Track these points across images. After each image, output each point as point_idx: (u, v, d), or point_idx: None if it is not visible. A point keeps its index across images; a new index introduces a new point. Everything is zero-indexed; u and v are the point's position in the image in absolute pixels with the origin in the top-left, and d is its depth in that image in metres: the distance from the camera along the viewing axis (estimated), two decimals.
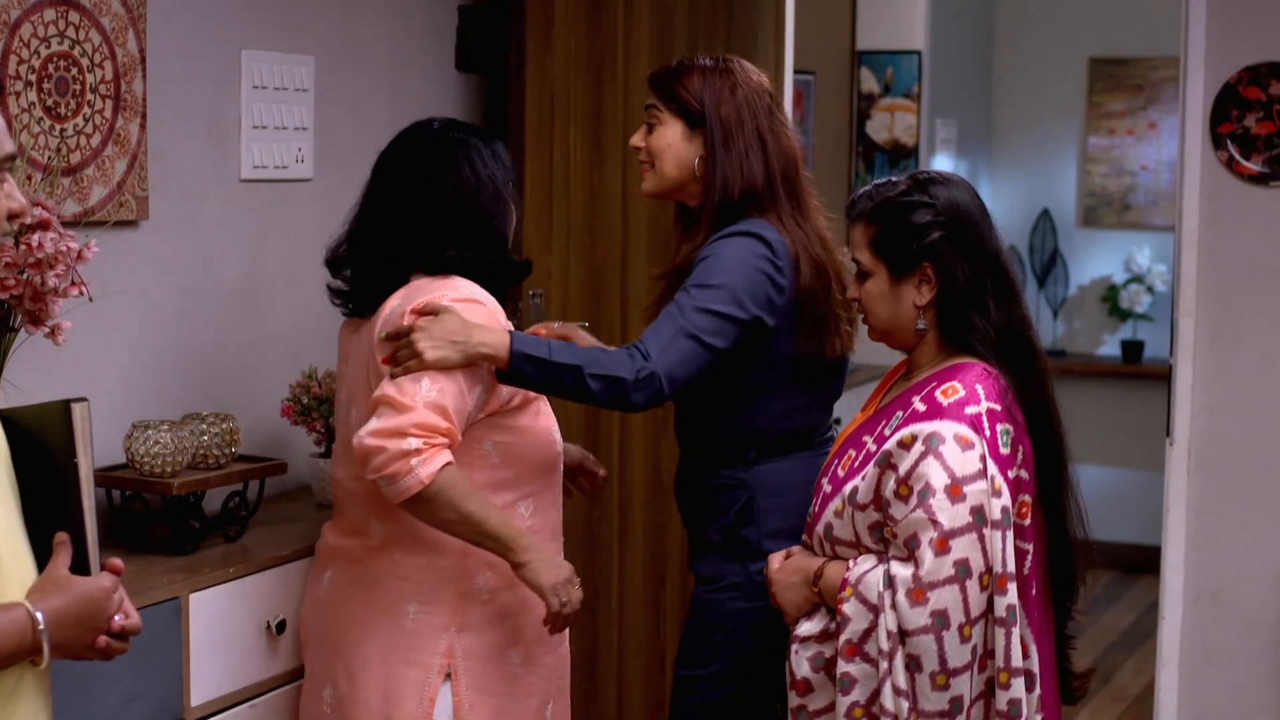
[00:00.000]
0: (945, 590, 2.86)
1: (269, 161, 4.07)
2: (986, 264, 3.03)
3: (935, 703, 2.90)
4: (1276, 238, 4.91)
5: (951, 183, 3.07)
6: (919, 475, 2.90)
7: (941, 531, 2.87)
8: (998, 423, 2.95)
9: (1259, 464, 4.97)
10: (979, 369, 3.00)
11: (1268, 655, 5.00)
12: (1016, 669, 2.93)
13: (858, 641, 2.97)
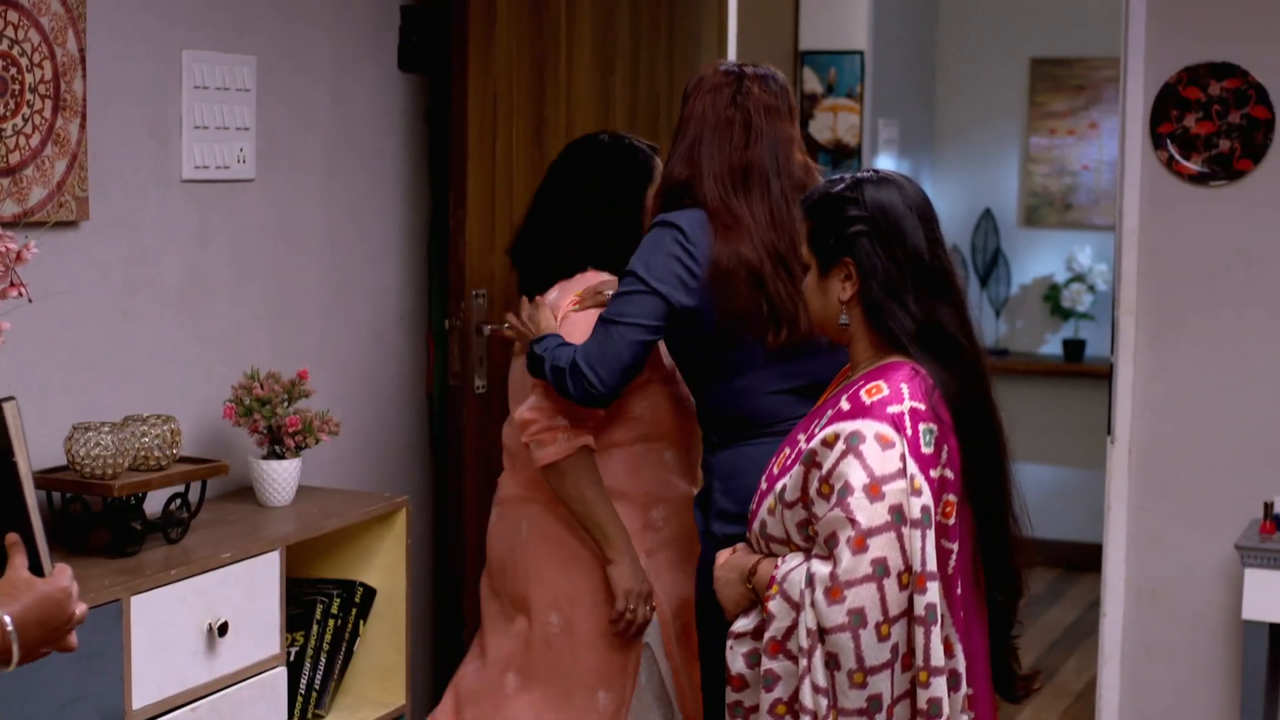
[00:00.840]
0: (862, 589, 2.87)
1: (210, 162, 4.05)
2: (908, 262, 3.04)
3: (854, 701, 2.91)
4: (1216, 237, 4.94)
5: (887, 182, 3.08)
6: (839, 474, 2.91)
7: (859, 530, 2.87)
8: (920, 422, 2.95)
9: (1199, 462, 5.00)
10: (907, 369, 3.01)
11: (1208, 652, 5.04)
12: (937, 668, 2.93)
13: (781, 639, 2.98)
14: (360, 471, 4.58)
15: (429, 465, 4.89)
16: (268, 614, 3.67)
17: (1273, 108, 4.84)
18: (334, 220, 4.48)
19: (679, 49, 5.29)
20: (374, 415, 4.66)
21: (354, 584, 4.08)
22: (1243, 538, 4.70)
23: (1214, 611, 5.02)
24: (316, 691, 4.00)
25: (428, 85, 4.79)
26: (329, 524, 3.92)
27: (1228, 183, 4.91)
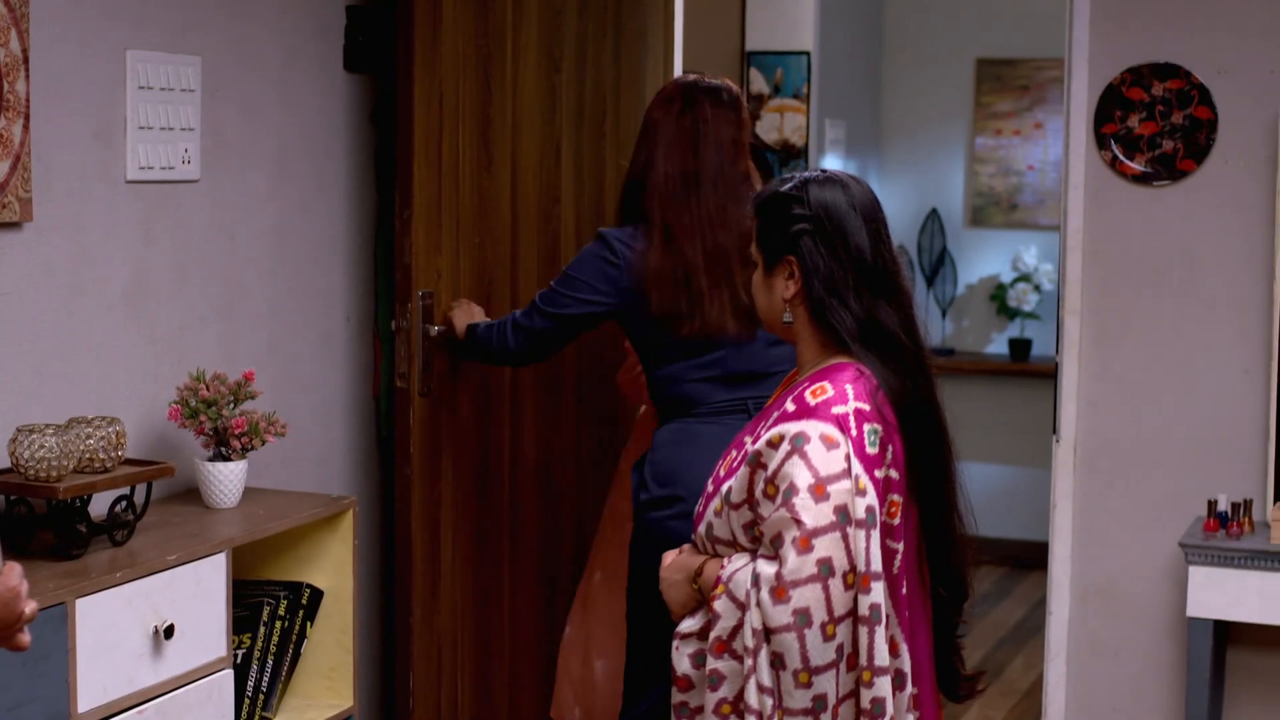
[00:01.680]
0: (808, 589, 2.88)
1: (155, 162, 4.03)
2: (850, 261, 3.06)
3: (799, 700, 2.92)
4: (1159, 237, 4.98)
5: (833, 182, 3.10)
6: (784, 475, 2.92)
7: (804, 530, 2.88)
8: (865, 422, 2.97)
9: (1143, 460, 5.04)
10: (852, 370, 3.03)
11: (1153, 648, 5.07)
12: (881, 668, 2.94)
13: (726, 638, 2.99)
14: (307, 473, 4.57)
15: (376, 466, 4.88)
16: (214, 616, 3.66)
17: (1215, 108, 4.87)
18: (280, 221, 4.47)
19: (626, 49, 5.29)
20: (321, 416, 4.65)
21: (301, 585, 4.07)
22: (1187, 535, 4.73)
23: (1159, 609, 5.05)
24: (264, 693, 3.99)
25: (373, 85, 4.78)
26: (275, 526, 3.91)
27: (1171, 183, 4.95)
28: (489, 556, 4.87)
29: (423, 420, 4.56)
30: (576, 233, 5.06)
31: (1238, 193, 4.88)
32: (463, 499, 4.72)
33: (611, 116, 5.22)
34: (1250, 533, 4.70)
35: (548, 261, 4.95)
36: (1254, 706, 4.97)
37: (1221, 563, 4.62)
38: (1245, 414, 4.91)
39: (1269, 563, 4.57)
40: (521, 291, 4.87)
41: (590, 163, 5.15)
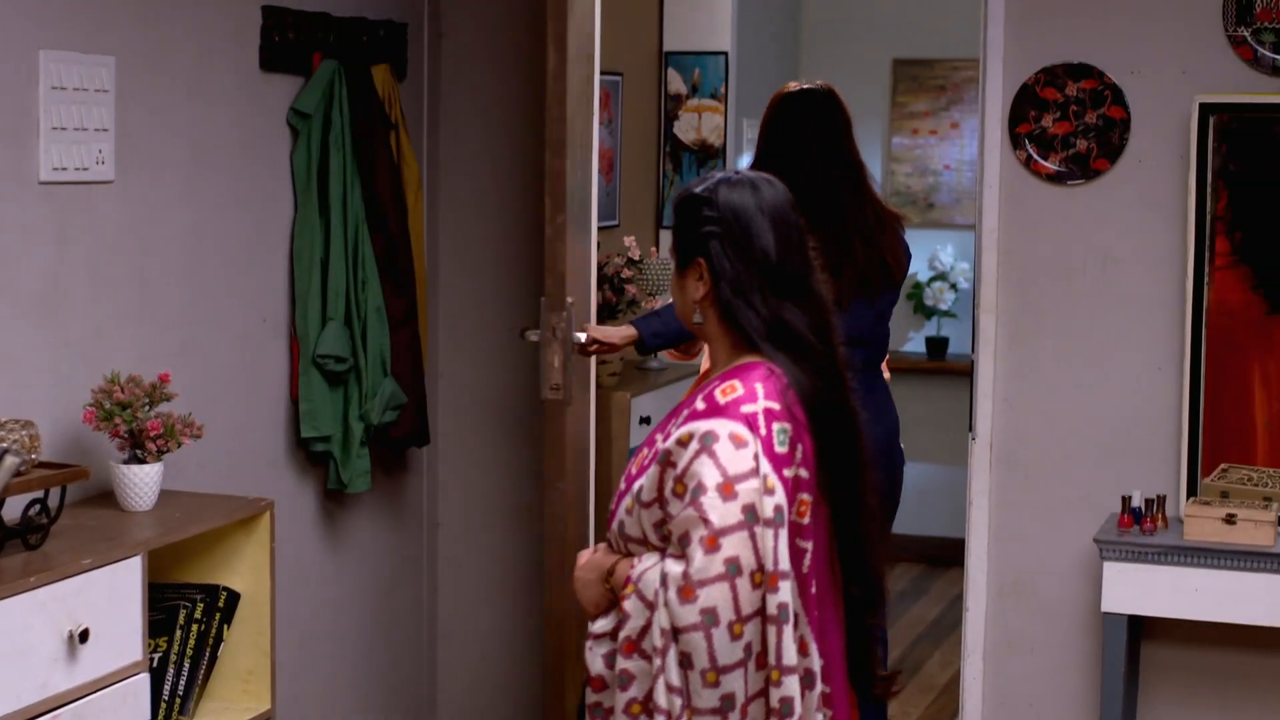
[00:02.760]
0: (715, 588, 2.88)
1: (69, 164, 4.00)
2: (755, 263, 3.07)
3: (707, 700, 2.92)
4: (1073, 236, 5.02)
5: (743, 184, 3.11)
6: (693, 473, 2.93)
7: (712, 529, 2.89)
8: (774, 421, 2.98)
9: (1058, 457, 5.08)
10: (763, 369, 3.04)
11: (1069, 644, 5.11)
12: (789, 667, 2.94)
13: (636, 638, 2.98)
14: (224, 475, 4.55)
15: (293, 467, 4.86)
16: (129, 620, 3.64)
17: (1128, 108, 4.92)
18: (196, 222, 4.45)
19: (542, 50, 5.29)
20: (237, 419, 4.63)
21: (217, 588, 4.05)
22: (1101, 531, 4.77)
23: (1074, 604, 5.09)
24: (180, 697, 3.97)
25: (289, 85, 4.76)
26: (192, 528, 3.89)
27: (1085, 182, 4.99)
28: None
29: (576, 431, 4.64)
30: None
31: (1151, 192, 4.93)
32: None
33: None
34: (1164, 528, 4.74)
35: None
36: (1168, 700, 5.02)
37: (1136, 558, 4.66)
38: (1159, 411, 4.95)
39: (1182, 558, 4.62)
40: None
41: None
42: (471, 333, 5.58)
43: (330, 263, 4.77)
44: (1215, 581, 4.61)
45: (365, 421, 4.85)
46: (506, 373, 5.55)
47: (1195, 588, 4.62)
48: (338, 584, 5.13)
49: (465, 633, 5.67)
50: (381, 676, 5.38)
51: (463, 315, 5.58)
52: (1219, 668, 4.97)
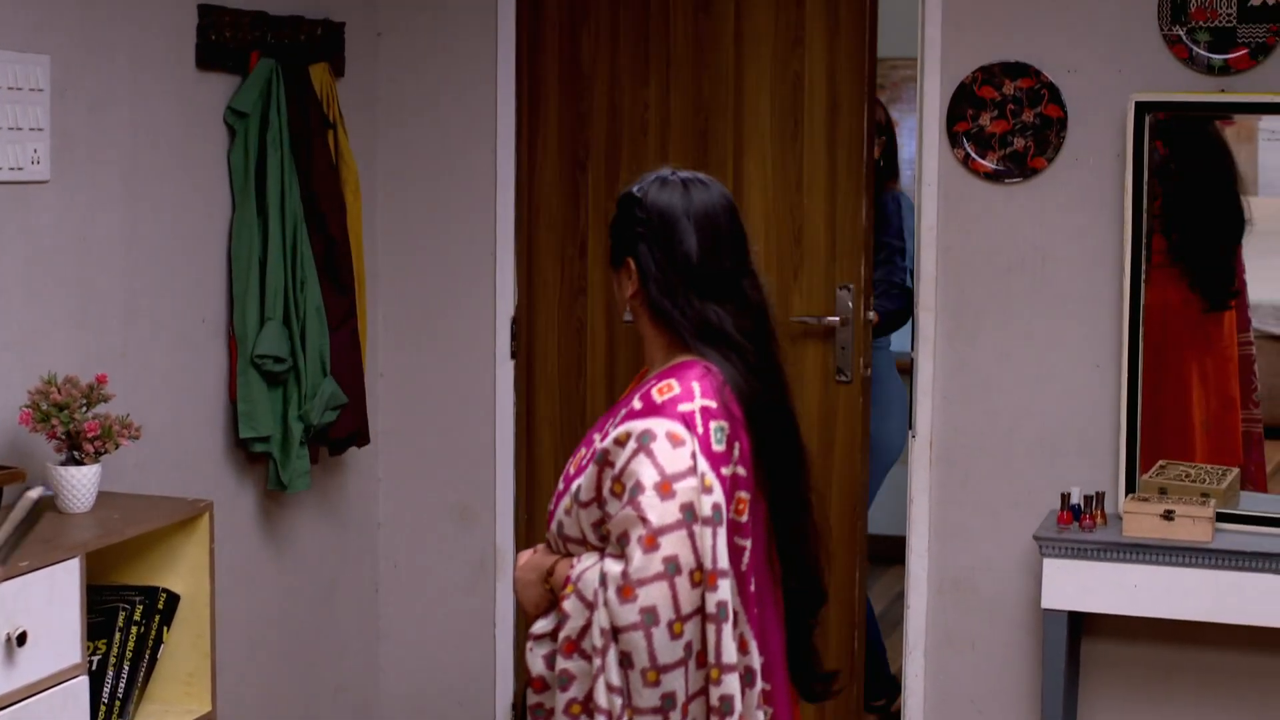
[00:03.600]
0: (654, 587, 2.88)
1: (3, 163, 3.97)
2: (678, 264, 3.09)
3: (648, 699, 2.92)
4: (1011, 234, 5.04)
5: (673, 185, 3.13)
6: (630, 472, 2.93)
7: (650, 529, 2.89)
8: (711, 420, 2.98)
9: (997, 454, 5.10)
10: (699, 367, 3.04)
11: (1010, 640, 5.13)
12: (728, 665, 2.94)
13: (575, 638, 2.98)
14: (163, 476, 4.52)
15: (232, 468, 4.84)
16: (68, 623, 3.61)
17: (1065, 107, 4.94)
18: (133, 222, 4.42)
19: None
20: (176, 419, 4.60)
21: (157, 590, 4.03)
22: (1041, 528, 4.79)
23: (1014, 601, 5.12)
24: (120, 700, 3.95)
25: (226, 84, 4.74)
26: (130, 530, 3.86)
27: (1022, 180, 5.01)
28: None
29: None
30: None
31: (1088, 190, 4.95)
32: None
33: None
34: (1103, 525, 4.77)
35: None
36: (1108, 695, 5.05)
37: (1075, 554, 4.68)
38: (1097, 408, 4.98)
39: (1121, 554, 4.64)
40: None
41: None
42: (412, 332, 5.56)
43: (269, 262, 4.75)
44: (1154, 577, 4.63)
45: (305, 421, 4.83)
46: (447, 372, 5.54)
47: (1134, 584, 4.65)
48: (279, 585, 5.10)
49: (408, 633, 5.65)
50: (325, 677, 5.36)
51: (403, 315, 5.56)
52: (1158, 663, 5.00)
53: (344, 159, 5.09)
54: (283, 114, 4.79)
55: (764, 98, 5.25)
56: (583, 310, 5.50)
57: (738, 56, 5.26)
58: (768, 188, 5.26)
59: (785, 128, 5.23)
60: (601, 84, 5.42)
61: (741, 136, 5.28)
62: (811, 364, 5.25)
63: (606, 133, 5.43)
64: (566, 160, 5.47)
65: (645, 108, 5.38)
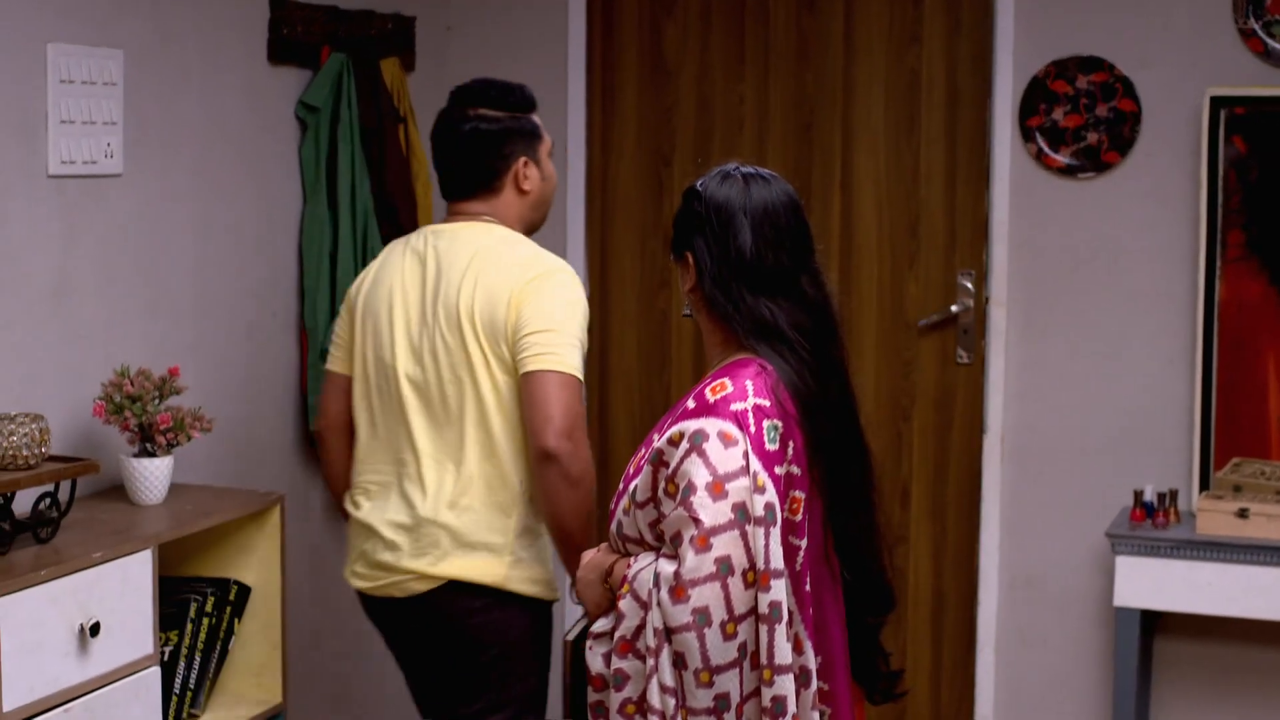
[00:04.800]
0: (706, 587, 2.85)
1: (77, 157, 3.99)
2: (731, 260, 3.06)
3: (702, 700, 2.89)
4: (1084, 229, 5.01)
5: (733, 180, 3.10)
6: (683, 473, 2.90)
7: (702, 529, 2.86)
8: (764, 419, 2.94)
9: (1069, 451, 5.07)
10: (754, 365, 3.01)
11: (1081, 638, 5.10)
12: (781, 666, 2.90)
13: (630, 638, 2.95)
14: (233, 468, 4.54)
15: (302, 461, 4.85)
16: (140, 613, 3.63)
17: (1139, 101, 4.90)
18: (204, 215, 4.44)
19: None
20: (247, 412, 4.62)
21: (228, 582, 4.04)
22: (1113, 525, 4.76)
23: (1086, 598, 5.08)
24: (191, 690, 3.96)
25: (298, 79, 4.75)
26: (202, 522, 3.88)
27: (1095, 175, 4.98)
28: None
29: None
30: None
31: (1162, 184, 4.91)
32: None
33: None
34: (1176, 522, 4.73)
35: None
36: (1180, 695, 5.01)
37: (1148, 552, 4.64)
38: (1170, 405, 4.94)
39: (1195, 552, 4.60)
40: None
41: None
42: None
43: (339, 256, 4.76)
44: (1228, 576, 4.59)
45: None
46: None
47: (1208, 582, 4.61)
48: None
49: None
50: (393, 670, 5.37)
51: None
52: (1232, 662, 4.96)
53: (414, 153, 5.10)
54: (354, 108, 4.80)
55: (877, 94, 5.26)
56: (665, 303, 5.51)
57: (847, 53, 5.28)
58: (880, 180, 5.27)
59: (900, 122, 5.24)
60: (689, 78, 5.43)
61: (851, 131, 5.29)
62: (929, 347, 5.26)
63: (695, 127, 5.44)
64: (647, 154, 5.48)
65: (740, 102, 5.38)
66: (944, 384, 5.25)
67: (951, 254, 5.21)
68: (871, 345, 5.27)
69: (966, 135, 5.17)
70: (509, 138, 3.90)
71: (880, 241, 5.25)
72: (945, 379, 5.25)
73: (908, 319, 5.25)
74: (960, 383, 5.24)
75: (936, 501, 5.26)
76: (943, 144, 5.20)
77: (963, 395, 5.23)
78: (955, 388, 5.24)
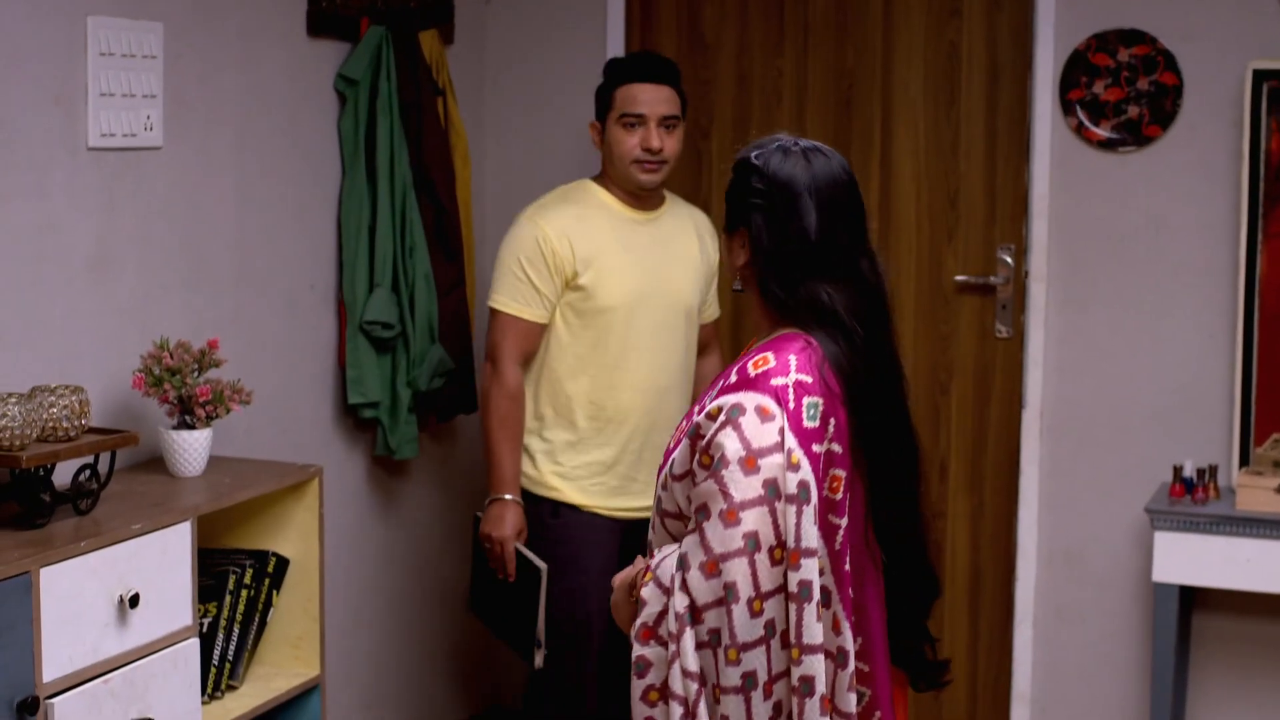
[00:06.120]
0: (734, 563, 2.82)
1: (117, 130, 4.00)
2: (793, 241, 3.00)
3: (730, 678, 2.86)
4: (1124, 202, 4.98)
5: (795, 156, 3.03)
6: (716, 445, 2.87)
7: (731, 503, 2.83)
8: (805, 395, 2.90)
9: (1108, 425, 5.05)
10: (800, 341, 2.96)
11: (1120, 613, 5.09)
12: (810, 645, 2.86)
13: (652, 624, 2.93)
14: (272, 441, 4.55)
15: (341, 433, 4.86)
16: (179, 585, 3.65)
17: (1181, 74, 4.87)
18: (243, 188, 4.45)
19: None
20: (285, 385, 4.63)
21: (267, 554, 4.06)
22: (1152, 501, 4.74)
23: (1125, 574, 5.07)
24: (230, 662, 3.98)
25: (337, 51, 4.75)
26: (241, 494, 3.89)
27: (1136, 149, 4.95)
28: None
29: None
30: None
31: (1203, 158, 4.89)
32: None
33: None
34: (1216, 498, 4.71)
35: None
36: (1219, 670, 4.99)
37: (1187, 528, 4.63)
38: (1211, 379, 4.92)
39: (1234, 528, 4.59)
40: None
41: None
42: None
43: (378, 229, 4.77)
44: (1267, 552, 4.58)
45: (413, 388, 4.84)
46: None
47: (1247, 558, 4.59)
48: (386, 550, 5.13)
49: None
50: (430, 643, 5.39)
51: None
52: (1271, 639, 4.94)
53: (453, 126, 5.10)
54: (393, 81, 4.80)
55: (916, 67, 5.24)
56: None
57: (886, 26, 5.26)
58: (919, 154, 5.25)
59: (940, 96, 5.22)
60: (728, 52, 5.42)
61: (890, 105, 5.28)
62: (968, 320, 5.25)
63: (734, 101, 5.42)
64: (686, 127, 5.46)
65: (779, 76, 5.37)
66: (983, 358, 5.23)
67: (991, 228, 5.19)
68: (910, 319, 5.25)
69: (1006, 109, 5.15)
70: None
71: (920, 216, 5.24)
72: (984, 353, 5.23)
73: (946, 294, 5.23)
74: (999, 357, 5.22)
75: (975, 476, 5.25)
76: (982, 117, 5.18)
77: (1001, 369, 5.22)
78: (994, 362, 5.23)
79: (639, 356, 4.51)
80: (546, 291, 4.46)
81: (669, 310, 4.57)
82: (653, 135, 4.51)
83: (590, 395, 4.51)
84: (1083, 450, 5.09)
